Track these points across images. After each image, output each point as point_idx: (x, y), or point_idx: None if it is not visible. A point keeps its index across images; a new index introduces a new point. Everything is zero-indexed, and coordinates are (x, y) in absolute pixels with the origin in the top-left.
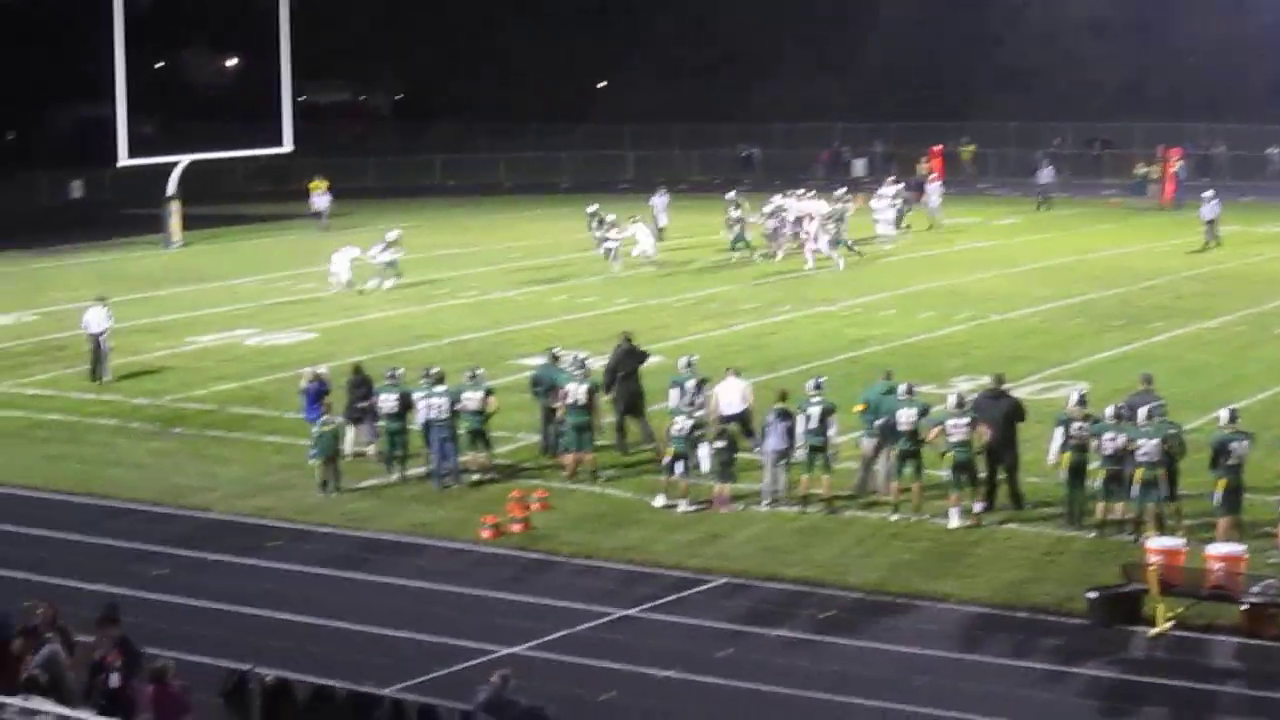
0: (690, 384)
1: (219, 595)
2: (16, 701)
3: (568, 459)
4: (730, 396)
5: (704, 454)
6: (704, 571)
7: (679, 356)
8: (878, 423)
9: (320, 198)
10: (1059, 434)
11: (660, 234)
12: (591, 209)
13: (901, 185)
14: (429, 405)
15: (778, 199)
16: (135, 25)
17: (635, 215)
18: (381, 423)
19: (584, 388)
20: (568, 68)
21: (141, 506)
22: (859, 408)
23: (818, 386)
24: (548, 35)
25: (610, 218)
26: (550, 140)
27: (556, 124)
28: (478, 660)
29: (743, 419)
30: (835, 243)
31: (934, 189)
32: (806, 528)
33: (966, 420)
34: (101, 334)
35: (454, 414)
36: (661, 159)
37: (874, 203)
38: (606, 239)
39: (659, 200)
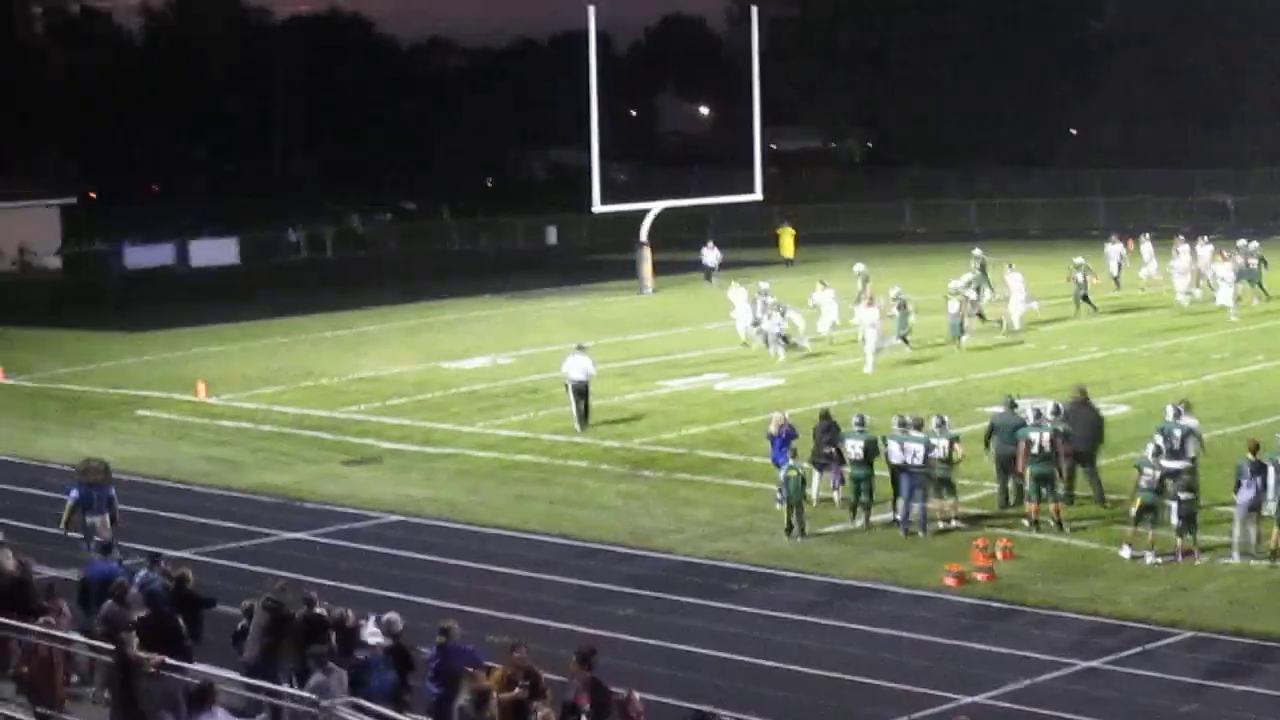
0: (1176, 433)
1: (683, 637)
2: None
3: (1031, 508)
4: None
5: (1172, 506)
6: (1170, 624)
7: (1165, 404)
8: None
9: (710, 251)
10: None
11: (1115, 283)
12: (764, 286)
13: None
14: (902, 451)
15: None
16: (611, 73)
17: (824, 280)
18: (847, 468)
19: (1046, 435)
20: (1037, 113)
21: (609, 547)
22: None
23: None
24: (1017, 81)
25: (770, 299)
26: (1019, 186)
27: (1026, 169)
28: (939, 708)
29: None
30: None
31: None
32: (1277, 581)
33: None
34: (582, 382)
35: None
36: (1131, 205)
37: (1217, 266)
38: (768, 321)
39: (1113, 249)
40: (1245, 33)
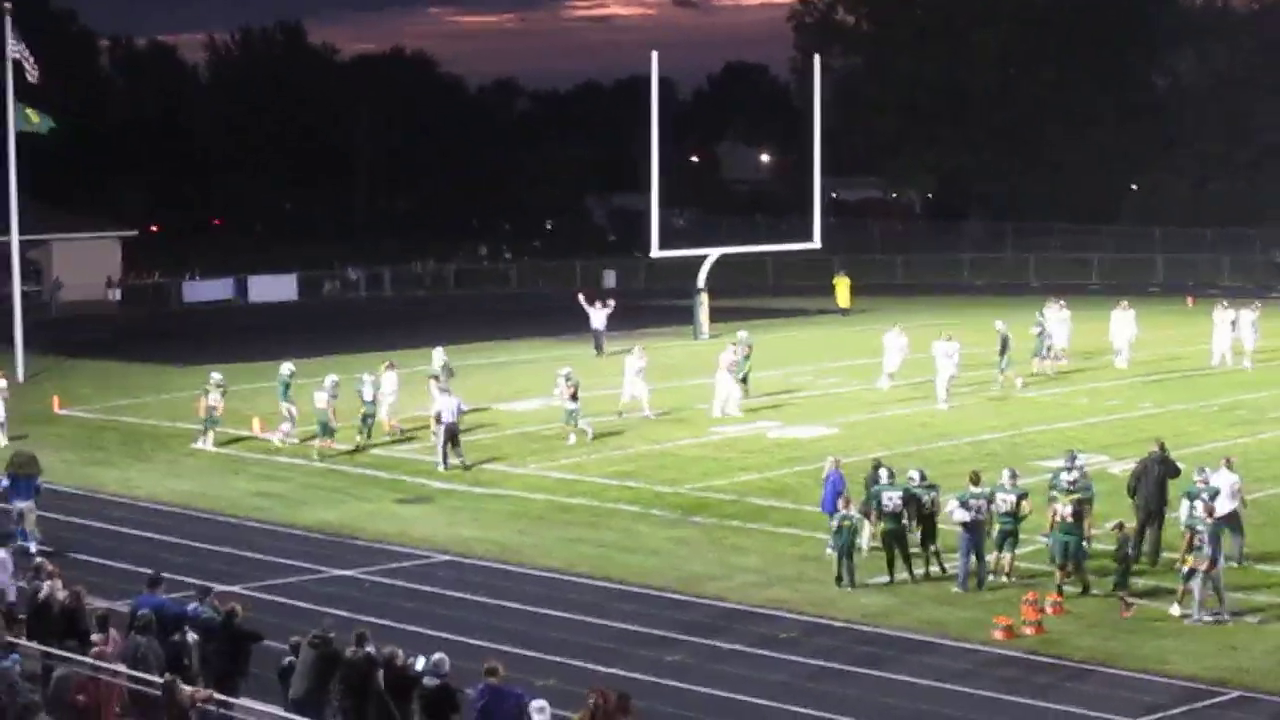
0: (1205, 496)
1: (731, 684)
2: None
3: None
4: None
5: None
6: (1217, 683)
7: (1195, 466)
8: None
9: (598, 313)
10: None
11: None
12: (563, 371)
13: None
14: (968, 506)
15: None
16: (673, 119)
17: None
18: (880, 524)
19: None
20: (1101, 169)
21: (657, 592)
22: None
23: None
24: (1082, 136)
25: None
26: (1080, 241)
27: (1087, 225)
28: None
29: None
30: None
31: None
32: None
33: None
34: (453, 423)
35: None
36: (1191, 263)
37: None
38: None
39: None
40: None
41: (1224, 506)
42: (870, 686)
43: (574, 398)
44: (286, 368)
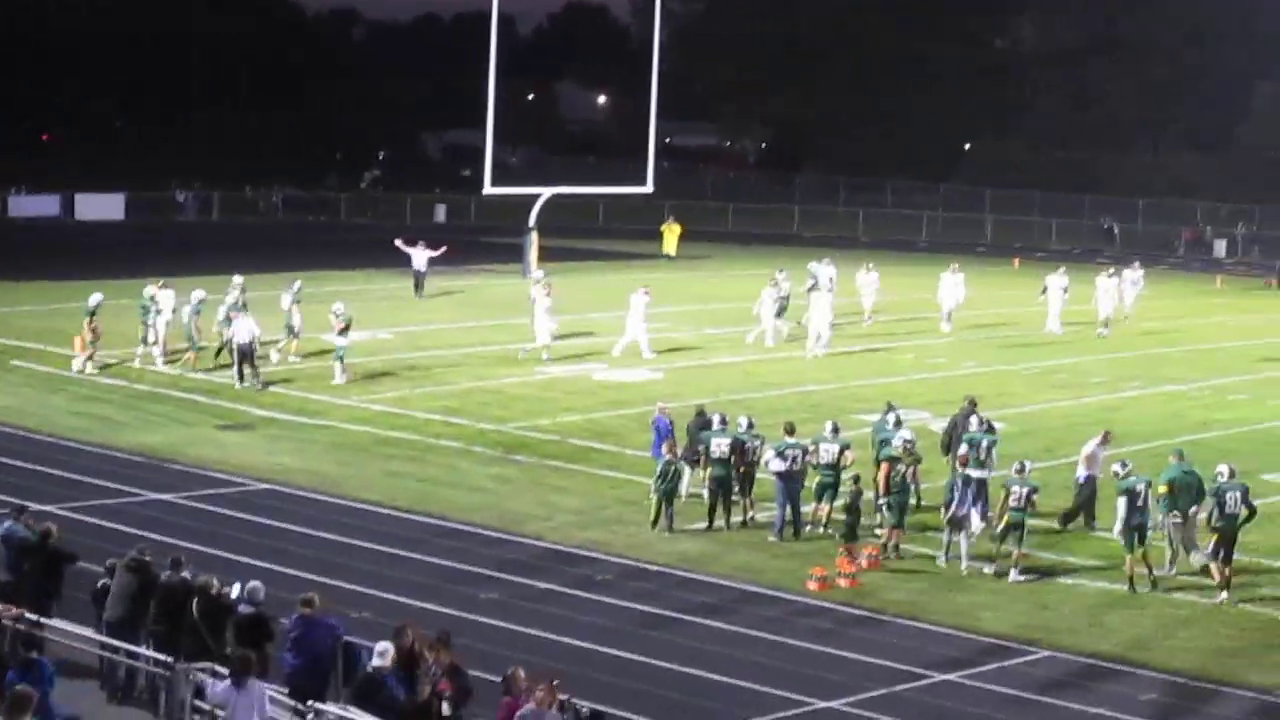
0: (985, 443)
1: (545, 624)
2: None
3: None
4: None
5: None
6: (1028, 642)
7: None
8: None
9: (420, 254)
10: None
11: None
12: (336, 307)
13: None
14: (784, 456)
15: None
16: (512, 56)
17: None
18: (707, 470)
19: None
20: (936, 128)
21: (476, 530)
22: (1162, 489)
23: (1124, 466)
24: (919, 95)
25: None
26: (912, 198)
27: (919, 182)
28: (793, 711)
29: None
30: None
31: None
32: (1133, 604)
33: None
34: (247, 343)
35: (805, 465)
36: (1020, 225)
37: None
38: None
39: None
40: (1164, 61)
41: (1081, 471)
42: (684, 631)
43: (343, 333)
44: (149, 290)
